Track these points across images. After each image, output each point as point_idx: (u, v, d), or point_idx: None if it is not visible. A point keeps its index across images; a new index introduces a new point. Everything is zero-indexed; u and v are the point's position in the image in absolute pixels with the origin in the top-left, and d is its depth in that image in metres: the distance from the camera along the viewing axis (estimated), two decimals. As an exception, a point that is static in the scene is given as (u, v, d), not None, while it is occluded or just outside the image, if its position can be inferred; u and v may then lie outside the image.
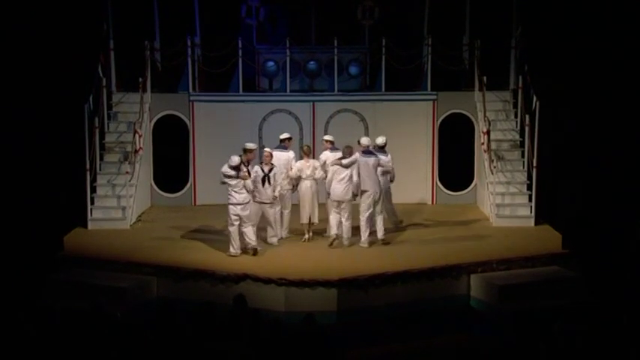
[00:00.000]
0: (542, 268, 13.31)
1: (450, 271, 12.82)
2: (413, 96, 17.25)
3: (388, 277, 12.40)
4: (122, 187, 15.49)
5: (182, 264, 12.85)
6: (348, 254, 13.38)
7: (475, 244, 14.06)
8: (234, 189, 13.24)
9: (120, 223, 15.21)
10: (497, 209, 15.38)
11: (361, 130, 17.12)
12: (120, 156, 15.99)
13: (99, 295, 11.84)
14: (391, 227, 14.77)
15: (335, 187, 13.89)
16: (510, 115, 16.60)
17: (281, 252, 13.52)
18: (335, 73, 17.16)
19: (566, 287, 12.80)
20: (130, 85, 16.53)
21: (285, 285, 12.04)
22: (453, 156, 17.12)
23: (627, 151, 16.45)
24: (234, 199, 13.25)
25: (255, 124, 17.09)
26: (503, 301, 12.39)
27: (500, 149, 16.13)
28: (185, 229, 15.06)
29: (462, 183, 17.21)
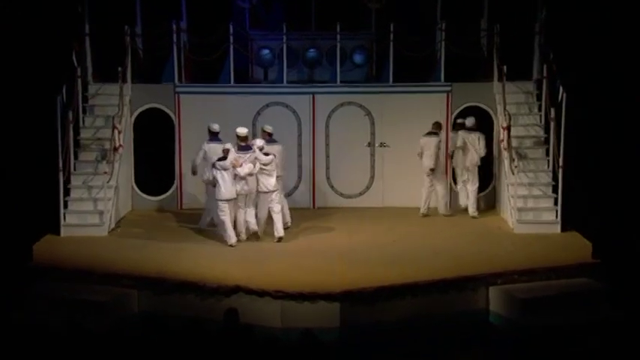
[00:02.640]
0: (569, 280, 13.30)
1: (466, 282, 12.82)
2: (424, 87, 17.28)
3: (397, 290, 12.39)
4: (99, 189, 15.49)
5: (167, 275, 12.86)
6: (352, 264, 13.39)
7: (494, 252, 14.07)
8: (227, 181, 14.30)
9: (97, 229, 15.23)
10: (519, 214, 15.40)
11: (366, 125, 17.17)
12: (97, 154, 15.98)
13: (73, 310, 11.83)
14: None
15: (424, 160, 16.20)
16: (533, 109, 16.60)
17: (277, 261, 13.53)
18: (337, 62, 17.17)
19: (597, 302, 12.81)
20: (108, 75, 16.50)
21: (281, 298, 12.04)
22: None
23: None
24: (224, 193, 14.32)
25: (249, 118, 17.08)
26: (526, 316, 12.39)
27: (522, 147, 16.14)
28: (170, 236, 15.09)
29: (478, 184, 17.10)
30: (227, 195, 14.40)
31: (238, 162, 14.39)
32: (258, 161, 14.66)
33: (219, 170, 14.39)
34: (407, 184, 17.09)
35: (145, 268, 13.21)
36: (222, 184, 14.38)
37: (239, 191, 14.52)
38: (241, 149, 14.65)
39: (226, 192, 14.39)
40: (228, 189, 14.40)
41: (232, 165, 14.35)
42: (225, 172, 14.39)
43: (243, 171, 14.42)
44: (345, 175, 17.35)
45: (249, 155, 14.60)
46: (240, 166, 14.40)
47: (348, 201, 17.38)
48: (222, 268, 13.21)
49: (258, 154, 14.71)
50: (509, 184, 15.71)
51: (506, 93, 16.07)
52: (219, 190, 14.41)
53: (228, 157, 14.46)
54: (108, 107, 16.42)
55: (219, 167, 14.41)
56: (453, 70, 17.06)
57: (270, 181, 14.78)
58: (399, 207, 17.07)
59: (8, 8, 16.23)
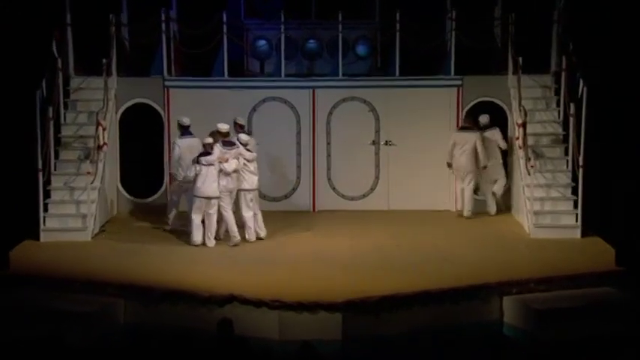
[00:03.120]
0: (590, 289, 13.26)
1: (478, 291, 12.79)
2: (433, 81, 17.29)
3: (404, 300, 12.36)
4: (82, 190, 15.47)
5: (155, 283, 12.83)
6: (355, 271, 13.37)
7: (508, 259, 14.05)
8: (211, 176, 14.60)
9: (79, 234, 15.21)
10: (536, 217, 15.38)
11: (371, 122, 17.18)
12: (79, 153, 15.98)
13: (53, 322, 11.79)
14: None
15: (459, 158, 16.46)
16: (551, 104, 16.61)
17: (274, 269, 13.52)
18: (339, 54, 17.17)
19: (620, 313, 12.74)
20: (92, 68, 16.49)
21: (279, 308, 12.01)
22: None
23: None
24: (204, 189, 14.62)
25: (244, 115, 17.04)
26: (543, 328, 12.35)
27: (539, 145, 16.14)
28: (159, 241, 15.08)
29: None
30: (208, 192, 14.64)
31: (225, 158, 14.65)
32: (242, 157, 14.91)
33: (203, 166, 14.56)
34: (414, 186, 17.12)
35: (131, 275, 13.18)
36: (204, 180, 14.60)
37: (223, 188, 14.73)
38: (226, 145, 14.87)
39: (207, 189, 14.62)
40: (210, 186, 14.62)
41: (219, 160, 14.58)
42: (210, 168, 14.58)
43: (230, 167, 14.69)
44: (347, 176, 17.36)
45: (234, 151, 14.84)
46: (226, 162, 14.65)
47: (351, 203, 17.39)
48: (215, 275, 13.18)
49: (242, 150, 14.97)
50: (525, 186, 15.68)
51: (521, 87, 16.05)
52: (199, 187, 14.63)
53: (214, 152, 14.65)
54: (91, 102, 16.40)
55: (205, 163, 14.59)
56: (464, 63, 17.05)
57: (253, 178, 15.06)
58: (406, 210, 17.08)
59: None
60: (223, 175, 14.73)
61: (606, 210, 16.07)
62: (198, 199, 14.69)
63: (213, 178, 14.66)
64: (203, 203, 14.71)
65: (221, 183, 14.72)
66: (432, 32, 17.04)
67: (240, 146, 15.01)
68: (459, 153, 16.53)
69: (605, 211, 16.01)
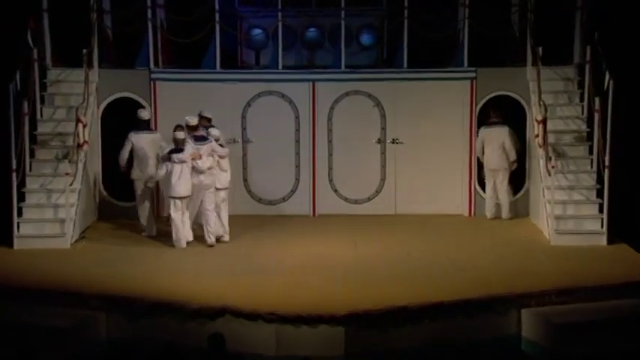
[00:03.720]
0: (616, 302, 13.20)
1: (494, 304, 12.75)
2: (445, 74, 17.33)
3: (412, 313, 12.33)
4: (60, 193, 15.48)
5: (140, 294, 12.80)
6: (359, 281, 13.37)
7: (527, 268, 14.02)
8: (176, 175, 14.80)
9: (57, 241, 15.21)
10: (557, 223, 15.39)
11: (376, 118, 17.23)
12: (57, 152, 16.00)
13: (29, 337, 11.76)
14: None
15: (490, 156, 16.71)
16: (574, 99, 16.64)
17: (271, 278, 13.52)
18: (342, 44, 17.22)
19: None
20: (71, 59, 16.55)
21: (276, 322, 11.98)
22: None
23: None
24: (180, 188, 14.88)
25: (238, 110, 17.13)
26: (565, 344, 12.32)
27: (560, 143, 16.16)
28: (144, 249, 15.11)
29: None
30: (183, 191, 14.87)
31: (198, 155, 14.85)
32: (214, 153, 15.15)
33: (176, 164, 14.76)
34: (424, 188, 17.18)
35: (114, 286, 13.14)
36: (178, 179, 14.82)
37: (198, 186, 15.00)
38: (197, 140, 15.10)
39: (182, 188, 14.84)
40: (184, 185, 14.87)
41: (192, 158, 14.77)
42: (183, 166, 14.79)
43: (204, 165, 14.92)
44: (350, 177, 17.41)
45: (207, 146, 15.09)
46: (200, 159, 14.86)
47: (355, 207, 17.42)
48: (206, 285, 13.16)
49: (215, 146, 15.21)
50: (545, 188, 15.70)
51: (541, 80, 16.07)
52: (174, 186, 14.88)
53: (186, 148, 14.83)
54: (70, 96, 16.43)
55: (177, 160, 14.77)
56: (479, 53, 17.09)
57: (224, 176, 15.36)
58: (415, 215, 17.14)
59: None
60: (196, 173, 14.93)
61: (634, 215, 16.04)
62: (174, 199, 14.90)
63: (187, 176, 14.87)
64: (179, 203, 14.90)
65: (194, 181, 14.91)
66: (443, 20, 17.14)
67: (213, 141, 15.23)
68: (490, 150, 16.75)
69: (633, 215, 15.98)
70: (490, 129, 16.78)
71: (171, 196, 14.97)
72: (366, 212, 17.29)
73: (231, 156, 16.74)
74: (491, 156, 16.75)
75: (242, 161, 17.26)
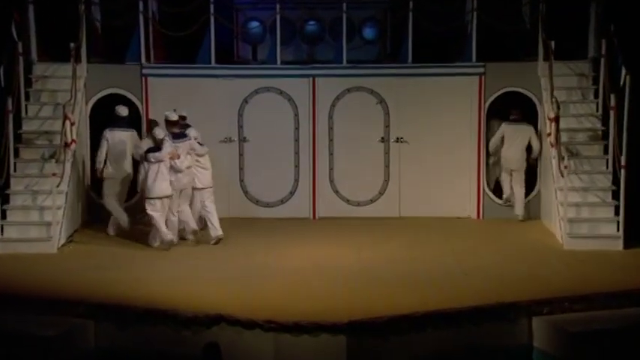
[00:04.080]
0: (633, 309, 13.21)
1: (503, 311, 12.74)
2: (452, 69, 17.35)
3: (417, 321, 12.32)
4: (47, 195, 15.48)
5: (131, 302, 12.80)
6: (361, 288, 13.38)
7: (538, 274, 14.04)
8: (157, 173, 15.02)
9: (43, 245, 15.20)
10: (571, 226, 15.41)
11: (379, 116, 17.25)
12: (43, 152, 16.00)
13: (13, 346, 11.75)
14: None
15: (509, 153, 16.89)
16: (589, 95, 16.66)
17: (269, 284, 13.52)
18: (343, 38, 17.23)
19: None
20: (58, 53, 16.54)
21: (274, 330, 11.96)
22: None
23: None
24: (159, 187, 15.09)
25: (234, 107, 17.15)
26: (579, 354, 12.31)
27: (574, 142, 16.20)
28: (135, 254, 15.11)
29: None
30: (162, 191, 15.06)
31: (176, 154, 15.05)
32: (193, 152, 15.37)
33: (153, 163, 14.96)
34: (430, 189, 17.24)
35: (103, 292, 13.13)
36: (156, 178, 15.01)
37: (177, 186, 15.23)
38: (176, 137, 15.30)
39: (160, 188, 15.02)
40: (162, 185, 15.09)
41: (170, 157, 14.99)
42: (160, 165, 14.98)
43: (182, 164, 15.14)
44: (352, 178, 17.43)
45: (186, 144, 15.31)
46: (178, 158, 15.08)
47: (357, 209, 17.46)
48: (200, 292, 13.16)
49: (193, 144, 15.41)
50: (557, 189, 15.73)
51: (554, 75, 16.08)
52: (152, 186, 15.06)
53: (164, 147, 15.00)
54: (57, 93, 16.46)
55: (154, 160, 14.95)
56: (488, 48, 17.11)
57: (205, 175, 15.58)
58: (421, 217, 17.18)
59: None
60: (173, 172, 15.15)
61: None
62: (152, 200, 15.08)
63: (163, 177, 15.07)
64: (158, 203, 15.07)
65: (171, 180, 15.14)
66: (449, 12, 17.09)
67: (192, 139, 15.43)
68: (508, 145, 16.87)
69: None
70: (514, 126, 16.87)
71: (150, 197, 15.13)
72: (369, 215, 17.32)
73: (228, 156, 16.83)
74: (512, 154, 16.88)
75: (238, 161, 17.28)
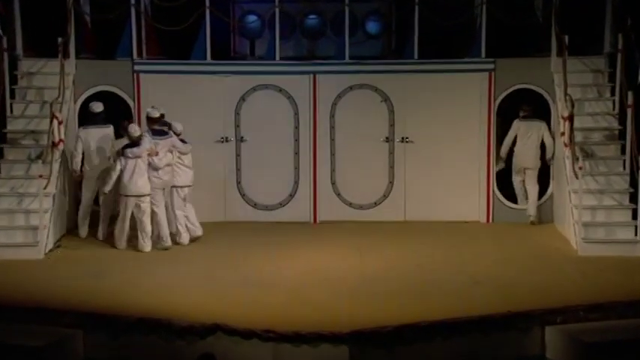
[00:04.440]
0: (652, 318, 13.25)
1: (514, 320, 12.72)
2: (460, 65, 17.37)
3: (423, 330, 12.30)
4: (33, 198, 15.46)
5: (122, 310, 12.78)
6: (364, 296, 13.36)
7: (552, 281, 14.02)
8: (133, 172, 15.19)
9: (30, 250, 15.18)
10: (586, 230, 15.38)
11: (384, 114, 17.26)
12: (30, 152, 16.01)
13: None
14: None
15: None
16: (605, 92, 16.67)
17: (267, 292, 13.52)
18: (346, 33, 17.24)
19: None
20: (45, 49, 16.54)
21: (273, 340, 11.95)
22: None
23: None
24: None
25: (231, 105, 17.17)
26: (595, 365, 12.33)
27: (589, 142, 16.19)
28: (126, 260, 15.11)
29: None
30: (138, 189, 15.24)
31: (155, 151, 15.25)
32: (175, 149, 15.55)
33: (129, 159, 15.11)
34: (436, 192, 17.28)
35: (93, 301, 13.12)
36: (131, 175, 15.17)
37: (154, 185, 15.41)
38: (156, 134, 15.47)
39: (136, 186, 15.19)
40: (138, 182, 15.26)
41: (148, 154, 15.18)
42: (138, 162, 15.15)
43: (161, 162, 15.33)
44: (355, 180, 17.44)
45: (166, 141, 15.47)
46: (156, 155, 15.26)
47: (360, 213, 17.47)
48: (195, 300, 13.16)
49: (176, 141, 15.59)
50: (572, 192, 15.72)
51: (568, 72, 16.08)
52: (127, 184, 15.25)
53: (143, 143, 15.18)
54: (44, 90, 16.47)
55: (131, 155, 15.12)
56: (498, 43, 17.10)
57: (188, 173, 15.76)
58: (427, 221, 17.20)
59: None
60: (152, 169, 15.30)
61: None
62: (125, 197, 15.26)
63: (141, 173, 15.20)
64: (132, 202, 15.24)
65: (152, 178, 15.31)
66: (458, 5, 17.11)
67: (174, 135, 15.55)
68: (522, 142, 16.96)
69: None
70: (526, 122, 16.97)
71: (124, 194, 15.29)
72: (373, 219, 17.34)
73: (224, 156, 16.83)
74: (525, 153, 16.98)
75: (235, 162, 17.28)
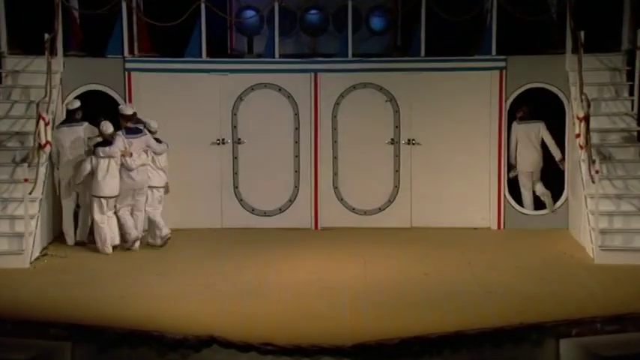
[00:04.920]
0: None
1: (528, 332, 12.69)
2: (469, 63, 17.38)
3: (431, 343, 12.27)
4: (18, 203, 15.44)
5: (112, 322, 12.74)
6: (369, 306, 13.36)
7: (566, 291, 13.99)
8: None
9: (15, 259, 15.16)
10: (602, 238, 15.35)
11: (389, 115, 17.27)
12: (14, 155, 15.99)
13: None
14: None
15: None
16: (622, 92, 16.67)
17: (265, 302, 13.51)
18: (349, 29, 17.25)
19: None
20: (31, 46, 16.58)
21: (272, 353, 11.91)
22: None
23: None
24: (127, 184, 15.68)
25: (227, 106, 17.21)
26: (612, 380, 12.28)
27: (606, 144, 16.18)
28: (116, 268, 15.09)
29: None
30: (110, 190, 15.47)
31: (128, 152, 15.48)
32: (150, 149, 15.77)
33: (102, 158, 15.33)
34: (445, 197, 17.32)
35: (81, 311, 13.12)
36: (104, 175, 15.40)
37: (130, 185, 15.76)
38: (130, 132, 15.66)
39: (109, 187, 15.41)
40: (111, 183, 15.50)
41: (122, 154, 15.39)
42: (110, 161, 15.37)
43: (135, 162, 15.55)
44: (359, 184, 17.46)
45: (141, 139, 15.69)
46: (130, 156, 15.49)
47: (364, 219, 17.49)
48: (189, 311, 13.16)
49: (149, 140, 15.83)
50: (588, 197, 15.70)
51: (583, 70, 16.07)
52: (99, 184, 15.48)
53: (115, 142, 15.39)
54: (31, 90, 16.50)
55: (102, 154, 15.32)
56: (509, 39, 17.13)
57: (161, 174, 15.99)
58: (435, 228, 17.21)
59: None
60: (125, 169, 15.53)
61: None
62: (98, 198, 15.44)
63: (114, 174, 15.44)
64: (104, 203, 15.46)
65: (124, 179, 15.56)
66: (467, 0, 17.06)
67: (148, 134, 15.78)
68: (522, 145, 17.17)
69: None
70: (524, 125, 17.15)
71: (96, 195, 15.45)
72: (377, 225, 17.35)
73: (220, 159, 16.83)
74: (528, 154, 17.08)
75: (232, 165, 17.28)
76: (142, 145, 15.67)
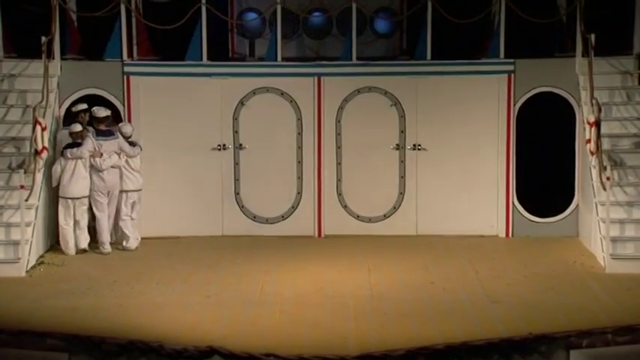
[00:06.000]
0: (686, 341, 13.17)
1: (537, 343, 12.63)
2: (477, 67, 17.38)
3: (437, 354, 12.22)
4: (14, 210, 15.44)
5: (110, 332, 12.71)
6: (373, 316, 13.33)
7: (577, 301, 13.98)
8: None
9: (10, 267, 15.15)
10: (614, 246, 15.33)
11: (394, 120, 17.25)
12: (10, 161, 16.01)
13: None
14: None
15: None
16: (634, 96, 16.68)
17: (268, 312, 13.50)
18: (353, 32, 17.24)
19: None
20: (27, 49, 16.60)
21: (274, 365, 11.93)
22: (540, 161, 17.13)
23: None
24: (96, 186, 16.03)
25: (229, 110, 17.19)
26: (624, 392, 12.25)
27: (617, 150, 16.17)
28: (114, 277, 15.05)
29: (554, 204, 17.30)
30: (78, 191, 15.78)
31: (98, 153, 15.72)
32: (122, 152, 16.00)
33: (70, 159, 15.61)
34: (451, 204, 17.30)
35: (78, 322, 13.11)
36: (71, 177, 15.70)
37: (97, 187, 15.91)
38: (101, 134, 15.90)
39: (75, 188, 15.71)
40: (78, 184, 15.86)
41: (91, 155, 15.66)
42: (77, 163, 15.69)
43: (104, 164, 15.79)
44: (363, 191, 17.45)
45: (111, 142, 15.92)
46: (100, 157, 15.75)
47: (368, 227, 17.49)
48: (189, 321, 13.16)
49: (122, 143, 16.05)
50: (598, 204, 15.68)
51: (594, 73, 16.07)
52: (66, 185, 15.84)
53: (85, 143, 15.65)
54: (27, 94, 16.53)
55: (70, 156, 15.59)
56: (518, 42, 17.13)
57: (136, 177, 16.22)
58: (441, 235, 17.20)
59: None
60: (95, 171, 15.77)
61: None
62: (64, 199, 15.76)
63: (81, 175, 15.72)
64: (70, 205, 15.77)
65: (94, 180, 15.83)
66: (474, 2, 17.06)
67: (120, 137, 16.02)
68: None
69: None
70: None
71: (63, 197, 15.73)
72: (382, 232, 17.35)
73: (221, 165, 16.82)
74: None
75: (234, 171, 17.27)
76: (114, 148, 15.92)
